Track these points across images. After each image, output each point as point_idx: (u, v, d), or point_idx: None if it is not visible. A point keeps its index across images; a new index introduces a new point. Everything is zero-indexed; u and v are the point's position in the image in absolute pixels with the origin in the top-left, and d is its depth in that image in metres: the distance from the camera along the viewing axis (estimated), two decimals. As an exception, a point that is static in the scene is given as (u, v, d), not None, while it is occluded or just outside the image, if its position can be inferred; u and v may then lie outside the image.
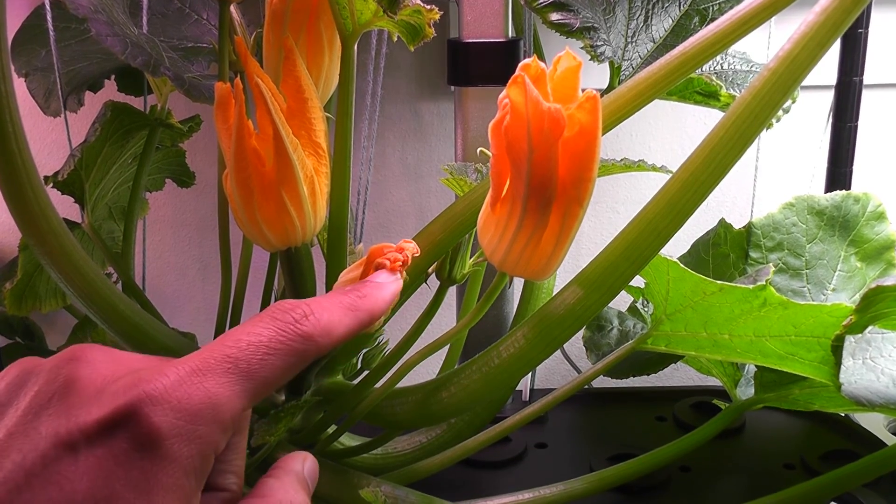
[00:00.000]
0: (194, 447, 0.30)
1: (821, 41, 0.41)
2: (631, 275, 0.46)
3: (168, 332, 0.55)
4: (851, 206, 0.71)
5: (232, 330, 0.34)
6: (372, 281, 0.40)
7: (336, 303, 0.37)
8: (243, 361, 0.32)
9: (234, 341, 0.32)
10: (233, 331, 0.34)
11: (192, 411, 0.30)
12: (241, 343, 0.32)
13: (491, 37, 0.74)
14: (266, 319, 0.34)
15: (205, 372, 0.31)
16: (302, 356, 0.34)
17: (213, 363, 0.31)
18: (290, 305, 0.35)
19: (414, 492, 0.56)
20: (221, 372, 0.31)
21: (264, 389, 0.32)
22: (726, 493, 0.66)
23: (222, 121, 0.46)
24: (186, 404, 0.30)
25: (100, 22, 0.51)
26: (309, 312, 0.35)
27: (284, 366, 0.33)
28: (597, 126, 0.37)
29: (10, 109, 0.41)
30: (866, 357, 0.59)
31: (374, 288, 0.40)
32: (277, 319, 0.34)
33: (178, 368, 0.31)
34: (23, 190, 0.43)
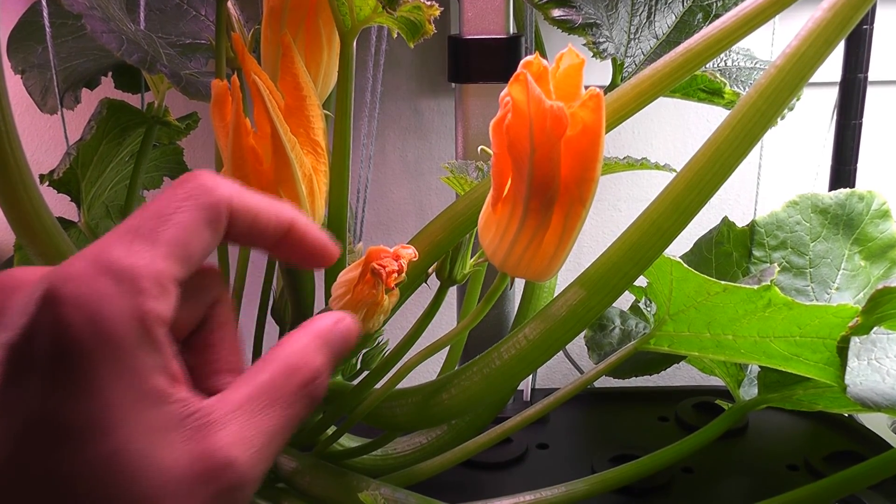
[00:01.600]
0: (118, 323, 0.27)
1: (828, 38, 0.40)
2: (634, 275, 0.46)
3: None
4: (855, 205, 0.70)
5: None
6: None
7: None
8: (145, 225, 0.29)
9: (136, 216, 0.30)
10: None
11: (102, 294, 0.27)
12: (139, 213, 0.30)
13: (492, 33, 0.73)
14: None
15: (111, 251, 0.28)
16: (213, 210, 0.31)
17: (115, 240, 0.29)
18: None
19: (414, 494, 0.55)
20: (124, 245, 0.29)
21: (179, 249, 0.29)
22: (729, 495, 0.65)
23: (219, 118, 0.45)
24: (94, 288, 0.27)
25: (95, 18, 0.50)
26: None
27: (194, 222, 0.30)
28: (600, 124, 0.37)
29: (2, 108, 0.40)
30: (871, 358, 0.58)
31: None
32: (177, 185, 0.31)
33: (82, 255, 0.28)
34: (15, 190, 0.42)
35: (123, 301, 0.27)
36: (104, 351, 0.27)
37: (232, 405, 0.30)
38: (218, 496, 0.28)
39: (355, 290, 0.44)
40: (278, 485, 0.57)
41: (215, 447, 0.29)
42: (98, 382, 0.27)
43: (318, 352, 0.33)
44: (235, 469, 0.29)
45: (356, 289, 0.44)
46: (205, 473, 0.28)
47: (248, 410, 0.30)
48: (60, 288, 0.27)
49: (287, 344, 0.33)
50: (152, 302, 0.28)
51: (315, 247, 0.35)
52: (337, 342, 0.34)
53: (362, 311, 0.45)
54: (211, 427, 0.29)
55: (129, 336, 0.27)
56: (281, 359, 0.32)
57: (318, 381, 0.32)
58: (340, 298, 0.45)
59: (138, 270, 0.28)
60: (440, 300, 0.50)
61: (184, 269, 0.30)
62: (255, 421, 0.30)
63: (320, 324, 0.34)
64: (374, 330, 0.47)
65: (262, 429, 0.30)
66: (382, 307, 0.45)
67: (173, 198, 0.30)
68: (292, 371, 0.32)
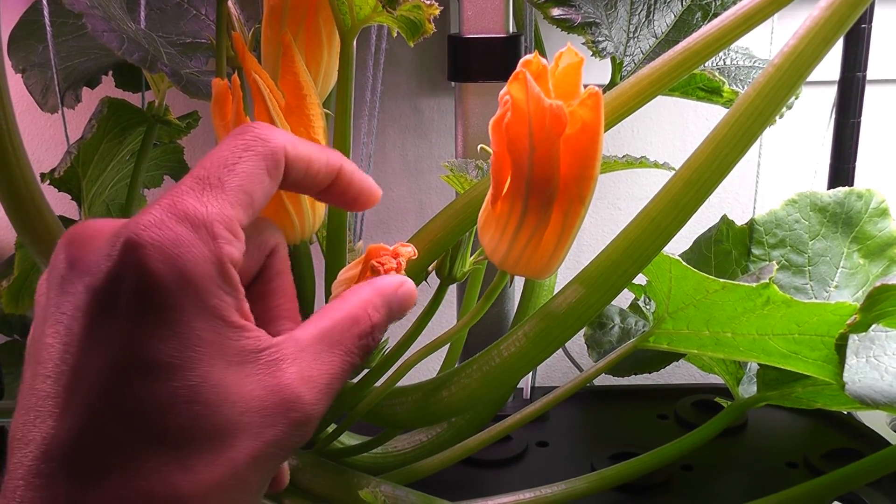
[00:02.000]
0: (198, 265, 0.29)
1: (826, 37, 0.40)
2: (633, 273, 0.46)
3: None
4: (854, 203, 0.70)
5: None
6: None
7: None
8: (213, 174, 0.31)
9: (202, 165, 0.32)
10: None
11: (181, 239, 0.29)
12: (204, 164, 0.32)
13: (491, 32, 0.73)
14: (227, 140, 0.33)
15: (185, 200, 0.30)
16: (272, 159, 0.33)
17: (185, 191, 0.31)
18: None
19: (414, 492, 0.56)
20: (195, 195, 0.30)
21: (244, 196, 0.31)
22: (728, 493, 0.65)
23: (220, 117, 0.46)
24: (173, 234, 0.29)
25: (96, 17, 0.50)
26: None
27: (256, 170, 0.32)
28: (599, 123, 0.37)
29: (3, 107, 0.41)
30: (870, 355, 0.59)
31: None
32: (236, 136, 0.33)
33: (157, 205, 0.30)
34: (17, 188, 0.42)
35: (202, 245, 0.29)
36: (186, 291, 0.29)
37: (299, 344, 0.32)
38: (288, 429, 0.31)
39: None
40: (279, 482, 0.57)
41: (285, 382, 0.31)
42: (180, 320, 0.29)
43: (379, 308, 0.35)
44: (303, 404, 0.31)
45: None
46: (277, 407, 0.30)
47: (313, 351, 0.32)
48: (141, 234, 0.29)
49: (352, 295, 0.35)
50: (227, 246, 0.30)
51: (360, 190, 0.38)
52: (396, 303, 0.36)
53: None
54: (281, 363, 0.31)
55: (208, 277, 0.29)
56: (345, 308, 0.34)
57: (374, 333, 0.35)
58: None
59: (211, 217, 0.30)
60: (440, 298, 0.50)
61: (248, 214, 0.32)
62: (318, 362, 0.32)
63: (384, 282, 0.37)
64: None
65: (324, 370, 0.32)
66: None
67: (235, 148, 0.32)
68: (354, 321, 0.34)
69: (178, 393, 0.28)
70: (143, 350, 0.28)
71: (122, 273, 0.29)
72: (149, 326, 0.28)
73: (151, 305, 0.28)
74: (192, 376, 0.29)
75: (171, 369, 0.28)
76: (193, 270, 0.29)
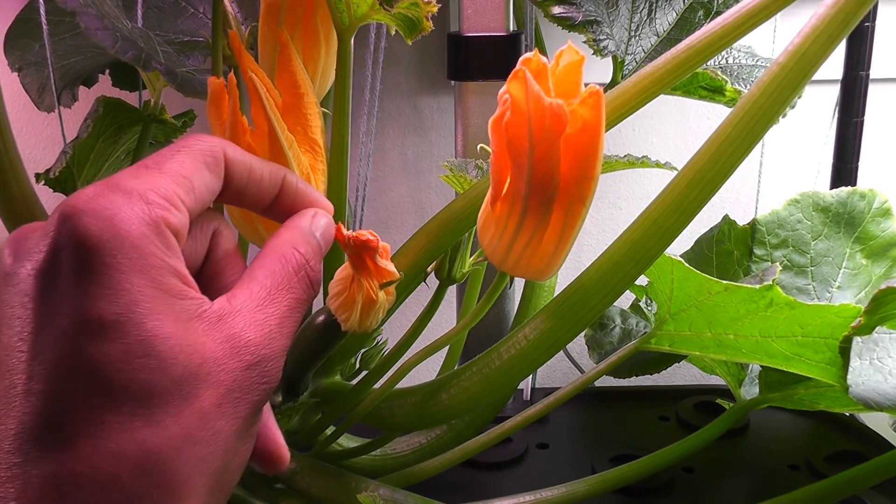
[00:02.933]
0: (132, 224, 0.30)
1: (831, 35, 0.40)
2: (636, 275, 0.46)
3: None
4: (857, 203, 0.70)
5: None
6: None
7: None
8: (150, 161, 0.32)
9: (140, 160, 0.33)
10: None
11: (116, 204, 0.30)
12: (145, 158, 0.33)
13: (492, 30, 0.73)
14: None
15: (119, 178, 0.31)
16: (210, 154, 0.34)
17: (122, 174, 0.31)
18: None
19: (413, 495, 0.55)
20: (131, 175, 0.31)
21: (183, 179, 0.32)
22: (730, 495, 0.65)
23: (216, 117, 0.45)
24: (107, 201, 0.30)
25: (89, 15, 0.50)
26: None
27: (193, 161, 0.33)
28: (600, 122, 0.36)
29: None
30: (874, 358, 0.58)
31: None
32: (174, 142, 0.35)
33: (92, 184, 0.31)
34: (9, 187, 0.42)
35: (136, 208, 0.30)
36: (124, 251, 0.29)
37: (238, 300, 0.33)
38: (245, 372, 0.31)
39: (351, 286, 0.44)
40: (277, 485, 0.56)
41: (233, 332, 0.32)
42: (123, 278, 0.29)
43: (300, 240, 0.36)
44: (254, 346, 0.32)
45: (352, 285, 0.44)
46: (229, 354, 0.31)
47: (254, 301, 0.33)
48: (74, 204, 0.29)
49: (273, 240, 0.36)
50: (162, 211, 0.31)
51: (310, 204, 0.38)
52: (317, 231, 0.37)
53: (358, 308, 0.45)
54: (227, 317, 0.32)
55: (145, 236, 0.30)
56: (270, 254, 0.35)
57: (309, 264, 0.36)
58: (338, 296, 0.45)
59: (146, 186, 0.31)
60: (439, 299, 0.49)
61: (189, 196, 0.32)
62: (264, 308, 0.33)
63: (300, 220, 0.37)
64: (372, 328, 0.47)
65: (270, 312, 0.33)
66: (379, 304, 0.45)
67: (171, 146, 0.34)
68: (284, 260, 0.35)
69: (132, 349, 0.29)
70: (89, 312, 0.29)
71: (60, 243, 0.29)
72: (91, 287, 0.29)
73: (90, 267, 0.29)
74: (143, 330, 0.29)
75: (119, 326, 0.29)
76: (128, 229, 0.29)
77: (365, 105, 0.80)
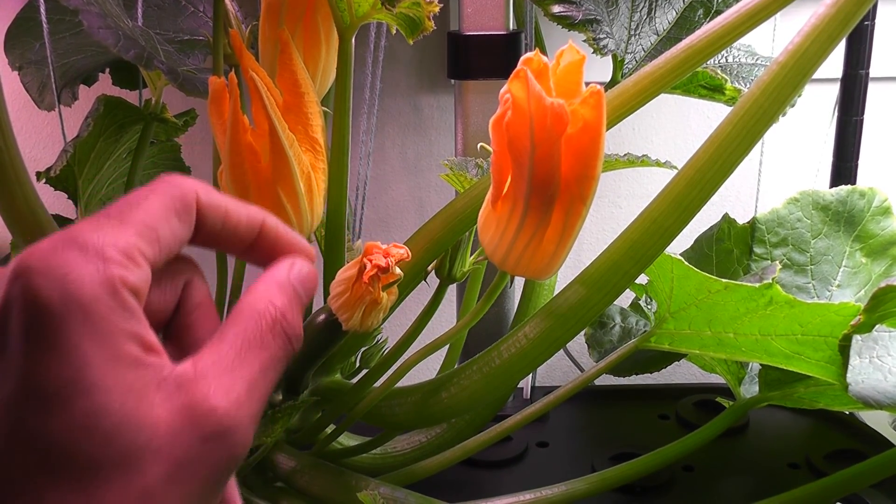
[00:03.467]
0: (85, 286, 0.27)
1: (831, 34, 0.40)
2: (635, 274, 0.46)
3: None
4: (857, 201, 0.70)
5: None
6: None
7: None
8: (114, 211, 0.30)
9: (105, 207, 0.31)
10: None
11: (69, 262, 0.28)
12: (110, 205, 0.31)
13: (492, 29, 0.73)
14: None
15: (79, 230, 0.29)
16: (180, 200, 0.32)
17: (83, 224, 0.29)
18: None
19: (413, 493, 0.55)
20: (91, 226, 0.29)
21: (147, 230, 0.30)
22: (730, 494, 0.65)
23: (217, 116, 0.45)
24: (61, 258, 0.28)
25: (91, 14, 0.50)
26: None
27: (161, 208, 0.31)
28: (601, 122, 0.36)
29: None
30: (873, 356, 0.58)
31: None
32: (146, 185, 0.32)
33: (49, 237, 0.29)
34: (10, 187, 0.42)
35: (90, 266, 0.28)
36: (74, 313, 0.27)
37: (205, 362, 0.30)
38: (203, 445, 0.29)
39: (354, 287, 0.44)
40: (277, 484, 0.56)
41: (196, 399, 0.29)
42: (71, 344, 0.27)
43: (279, 294, 0.33)
44: (219, 414, 0.29)
45: (354, 287, 0.44)
46: (187, 424, 0.29)
47: (223, 363, 0.30)
48: (27, 260, 0.28)
49: (247, 296, 0.33)
50: (119, 269, 0.28)
51: (289, 247, 0.36)
52: (295, 282, 0.34)
53: (361, 308, 0.45)
54: (188, 384, 0.29)
55: (97, 298, 0.28)
56: (244, 310, 0.32)
57: (285, 320, 0.33)
58: (339, 296, 0.45)
59: (104, 241, 0.29)
60: (439, 298, 0.49)
61: (152, 248, 0.30)
62: (232, 370, 0.30)
63: (276, 271, 0.35)
64: (373, 328, 0.47)
65: (240, 375, 0.30)
66: (381, 305, 0.45)
67: (141, 191, 0.31)
68: (258, 316, 0.32)
69: (75, 422, 0.27)
70: (35, 381, 0.27)
71: (10, 302, 0.27)
72: (38, 353, 0.27)
73: (38, 331, 0.27)
74: (88, 402, 0.27)
75: (64, 397, 0.27)
76: (80, 291, 0.27)
77: (365, 104, 0.80)
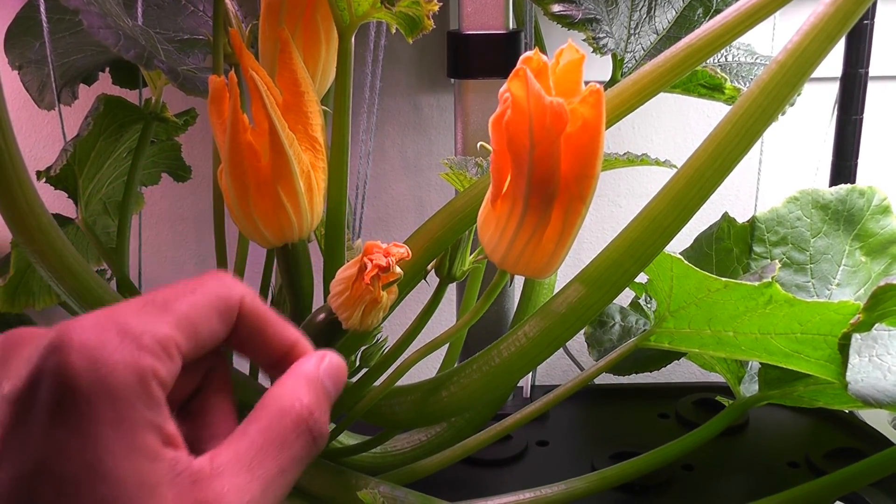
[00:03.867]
0: (118, 372, 0.28)
1: (830, 33, 0.40)
2: (635, 272, 0.46)
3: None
4: (856, 200, 0.70)
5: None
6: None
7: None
8: (160, 297, 0.31)
9: (153, 291, 0.31)
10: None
11: (106, 344, 0.28)
12: (159, 289, 0.31)
13: (491, 28, 0.73)
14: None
15: (123, 312, 0.29)
16: (225, 301, 0.32)
17: (128, 305, 0.30)
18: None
19: (413, 492, 0.55)
20: (135, 310, 0.30)
21: (187, 324, 0.30)
22: (730, 493, 0.65)
23: (217, 115, 0.45)
24: (98, 338, 0.28)
25: (92, 14, 0.50)
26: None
27: (205, 306, 0.31)
28: (600, 121, 0.37)
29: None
30: (873, 354, 0.58)
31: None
32: (199, 276, 0.33)
33: (92, 313, 0.29)
34: (10, 186, 0.42)
35: (125, 353, 0.28)
36: (103, 398, 0.27)
37: (224, 459, 0.30)
38: None
39: (353, 286, 0.44)
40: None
41: (208, 497, 0.29)
42: (95, 429, 0.27)
43: (306, 390, 0.33)
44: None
45: (354, 286, 0.44)
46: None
47: (242, 461, 0.30)
48: (66, 335, 0.28)
49: (274, 389, 0.33)
50: (153, 360, 0.29)
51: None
52: (325, 378, 0.34)
53: (361, 307, 0.45)
54: (203, 481, 0.29)
55: (127, 386, 0.28)
56: (269, 405, 0.32)
57: (312, 418, 0.32)
58: (339, 295, 0.45)
59: (143, 328, 0.29)
60: (439, 297, 0.49)
61: (189, 343, 0.30)
62: (250, 469, 0.30)
63: (305, 365, 0.34)
64: (373, 327, 0.47)
65: (258, 475, 0.30)
66: (381, 304, 0.45)
67: (191, 283, 0.32)
68: (282, 413, 0.32)
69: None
70: (54, 461, 0.27)
71: (42, 375, 0.28)
72: (61, 432, 0.27)
73: (65, 410, 0.27)
74: (102, 492, 0.27)
75: (79, 483, 0.27)
76: (111, 377, 0.27)
77: (365, 103, 0.80)
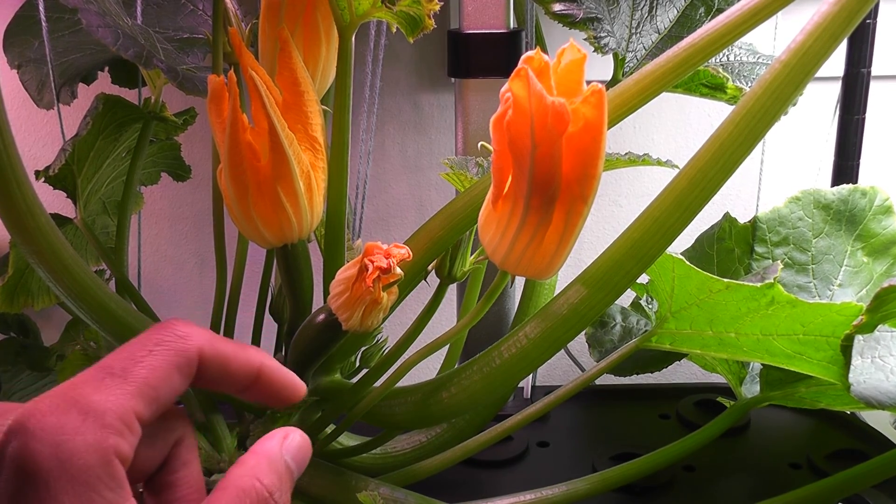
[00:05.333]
0: (80, 455, 0.28)
1: (834, 32, 0.39)
2: (637, 274, 0.45)
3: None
4: (858, 201, 0.70)
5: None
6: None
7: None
8: (117, 365, 0.31)
9: (109, 357, 0.31)
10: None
11: (67, 427, 0.28)
12: (115, 354, 0.31)
13: (492, 28, 0.73)
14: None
15: (82, 389, 0.29)
16: (184, 357, 0.32)
17: (88, 378, 0.30)
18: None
19: (413, 494, 0.55)
20: (95, 384, 0.30)
21: (148, 389, 0.31)
22: (731, 494, 0.65)
23: (216, 114, 0.45)
24: (60, 421, 0.28)
25: (91, 13, 0.50)
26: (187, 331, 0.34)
27: (165, 366, 0.31)
28: (602, 121, 0.36)
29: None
30: (875, 356, 0.58)
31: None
32: (152, 330, 0.33)
33: (52, 392, 0.29)
34: (8, 186, 0.41)
35: (88, 435, 0.28)
36: (65, 482, 0.28)
37: None
38: None
39: (354, 287, 0.44)
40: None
41: None
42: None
43: (268, 471, 0.33)
44: None
45: (355, 286, 0.44)
46: None
47: None
48: (28, 419, 0.28)
49: (235, 469, 0.33)
50: (116, 437, 0.29)
51: (283, 387, 0.37)
52: (288, 459, 0.34)
53: (361, 308, 0.44)
54: None
55: (90, 469, 0.28)
56: (229, 486, 0.32)
57: (272, 497, 0.32)
58: (339, 296, 0.45)
59: (104, 406, 0.29)
60: (440, 298, 0.49)
61: (149, 409, 0.31)
62: None
63: (267, 444, 0.34)
64: (373, 327, 0.46)
65: None
66: (381, 305, 0.45)
67: (147, 341, 0.32)
68: (243, 493, 0.32)
69: None
70: None
71: (3, 459, 0.28)
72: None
73: (28, 495, 0.27)
74: None
75: None
76: (73, 460, 0.28)
77: (365, 102, 0.80)
